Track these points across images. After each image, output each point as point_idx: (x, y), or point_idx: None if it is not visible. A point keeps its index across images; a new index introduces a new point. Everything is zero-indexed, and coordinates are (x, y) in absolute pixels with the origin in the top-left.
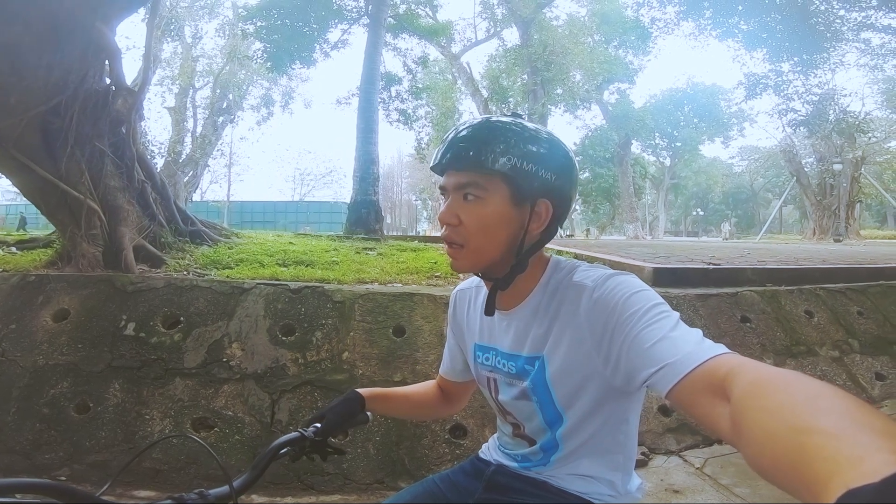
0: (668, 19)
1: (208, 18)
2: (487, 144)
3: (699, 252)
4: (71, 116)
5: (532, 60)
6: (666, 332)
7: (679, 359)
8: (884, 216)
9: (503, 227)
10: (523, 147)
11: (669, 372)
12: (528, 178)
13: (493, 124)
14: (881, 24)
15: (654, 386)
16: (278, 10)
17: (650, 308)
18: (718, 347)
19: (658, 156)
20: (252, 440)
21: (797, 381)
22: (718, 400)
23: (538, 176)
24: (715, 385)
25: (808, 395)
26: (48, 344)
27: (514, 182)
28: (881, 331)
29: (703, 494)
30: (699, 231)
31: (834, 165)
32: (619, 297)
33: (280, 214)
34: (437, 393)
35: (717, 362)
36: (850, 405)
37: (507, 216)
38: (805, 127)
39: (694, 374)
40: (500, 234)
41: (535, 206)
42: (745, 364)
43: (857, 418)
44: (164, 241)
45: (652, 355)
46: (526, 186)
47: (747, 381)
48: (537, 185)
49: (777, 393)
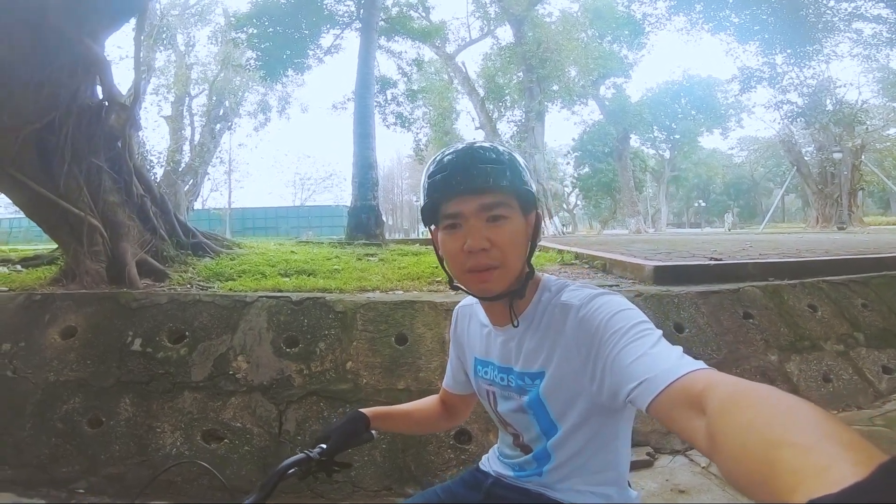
0: (660, 14)
1: (200, 26)
2: (501, 165)
3: (701, 246)
4: (65, 133)
5: (527, 58)
6: (647, 349)
7: (657, 374)
8: (887, 202)
9: (525, 240)
10: (517, 166)
11: (648, 387)
12: (527, 193)
13: (491, 147)
14: (871, 15)
15: (635, 401)
16: (269, 17)
17: (632, 327)
18: (696, 363)
19: (657, 149)
20: (261, 451)
21: (770, 397)
22: (695, 414)
23: (531, 190)
24: (692, 399)
25: (780, 410)
26: (58, 361)
27: (521, 198)
28: (886, 323)
29: (710, 494)
30: (702, 222)
31: (833, 154)
32: (603, 317)
33: (282, 220)
34: (439, 407)
35: (694, 377)
36: (820, 420)
37: (524, 230)
38: (802, 118)
39: (671, 388)
40: (523, 248)
41: (532, 218)
42: (722, 379)
43: (825, 431)
44: (166, 254)
45: (632, 371)
46: (528, 200)
47: (722, 396)
48: (531, 199)
49: (751, 408)
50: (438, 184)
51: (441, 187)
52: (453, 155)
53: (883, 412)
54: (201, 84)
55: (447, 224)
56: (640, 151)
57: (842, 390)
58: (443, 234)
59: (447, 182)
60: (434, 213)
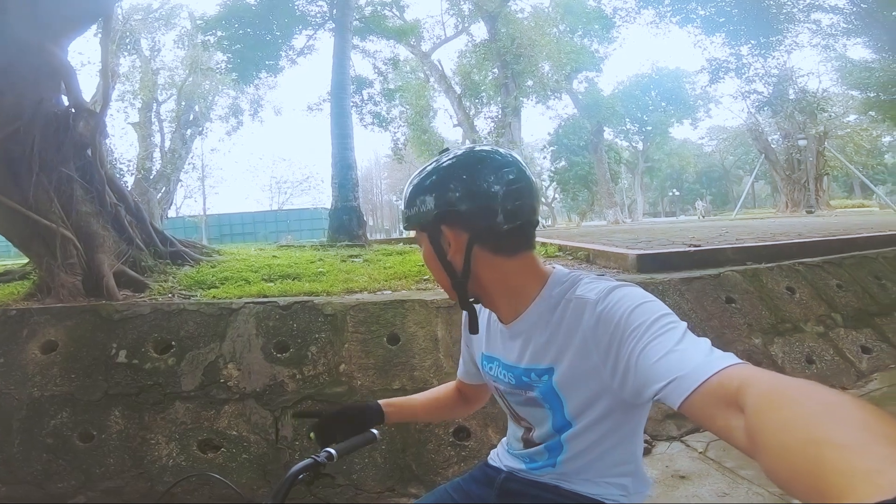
0: (630, 8)
1: (165, 30)
2: (409, 201)
3: (679, 234)
4: (32, 142)
5: (501, 54)
6: (673, 344)
7: (688, 372)
8: (850, 186)
9: (435, 259)
10: (417, 191)
11: (680, 386)
12: (419, 217)
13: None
14: (829, 5)
15: (665, 400)
16: (239, 19)
17: (655, 320)
18: (728, 358)
19: (630, 141)
20: (260, 458)
21: (812, 392)
22: (732, 412)
23: (421, 212)
24: (728, 398)
25: (823, 406)
26: (41, 376)
27: (418, 223)
28: (861, 303)
29: (710, 479)
30: (676, 211)
31: (799, 141)
32: (624, 311)
33: (259, 225)
34: (455, 394)
35: (728, 374)
36: (866, 415)
37: (431, 251)
38: (768, 107)
39: (705, 386)
40: (437, 266)
41: (441, 236)
42: (757, 375)
43: (873, 429)
44: (144, 264)
45: (660, 369)
46: (424, 221)
47: (761, 392)
48: (423, 220)
49: (792, 405)
50: None
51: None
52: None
53: (867, 392)
54: (169, 89)
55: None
56: (614, 144)
57: (825, 371)
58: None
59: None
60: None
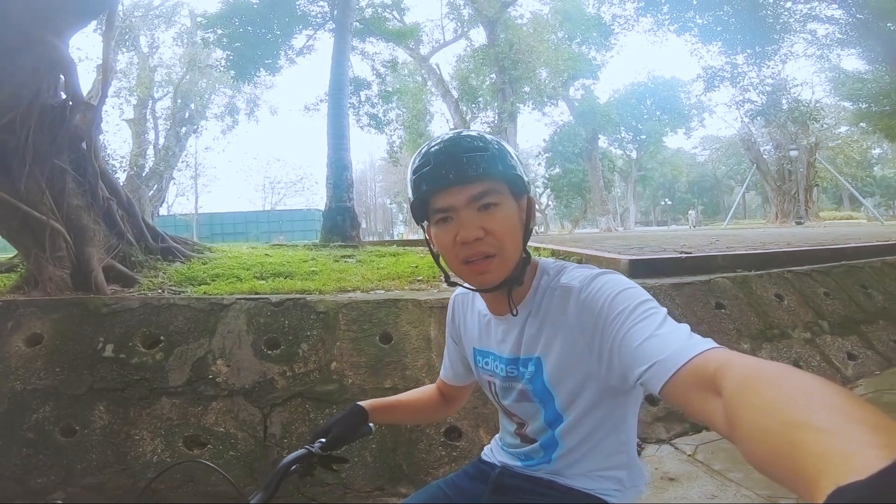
0: (628, 15)
1: (165, 27)
2: (487, 152)
3: (671, 241)
4: (26, 133)
5: (499, 59)
6: (653, 329)
7: (668, 356)
8: (840, 198)
9: (519, 226)
10: (505, 152)
11: (660, 369)
12: (517, 178)
13: (477, 135)
14: (825, 16)
15: (646, 384)
16: (239, 17)
17: (637, 306)
18: (707, 342)
19: (624, 149)
20: (247, 455)
21: (789, 376)
22: (711, 395)
23: (520, 175)
24: (706, 381)
25: (800, 389)
26: (24, 369)
27: (511, 183)
28: (847, 311)
29: (699, 481)
30: (668, 220)
31: (790, 152)
32: (606, 297)
33: (252, 225)
34: (436, 395)
35: (707, 357)
36: (842, 399)
37: (517, 215)
38: (761, 116)
39: (684, 370)
40: (518, 233)
41: (525, 202)
42: (735, 359)
43: (849, 412)
44: (134, 259)
45: (641, 353)
46: (519, 185)
47: (738, 376)
48: (521, 183)
49: (769, 388)
50: (426, 177)
51: (429, 180)
52: (439, 146)
53: None
54: (165, 87)
55: (439, 218)
56: (608, 152)
57: None
58: (435, 228)
59: (434, 174)
60: (424, 208)
